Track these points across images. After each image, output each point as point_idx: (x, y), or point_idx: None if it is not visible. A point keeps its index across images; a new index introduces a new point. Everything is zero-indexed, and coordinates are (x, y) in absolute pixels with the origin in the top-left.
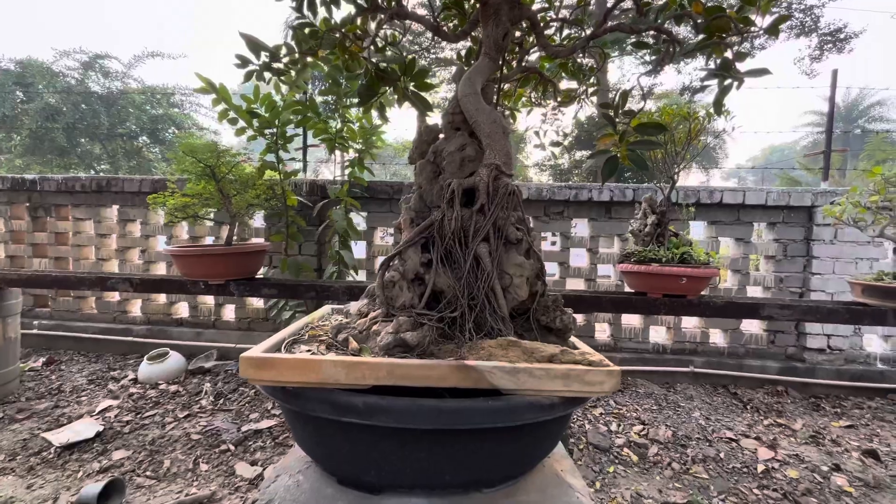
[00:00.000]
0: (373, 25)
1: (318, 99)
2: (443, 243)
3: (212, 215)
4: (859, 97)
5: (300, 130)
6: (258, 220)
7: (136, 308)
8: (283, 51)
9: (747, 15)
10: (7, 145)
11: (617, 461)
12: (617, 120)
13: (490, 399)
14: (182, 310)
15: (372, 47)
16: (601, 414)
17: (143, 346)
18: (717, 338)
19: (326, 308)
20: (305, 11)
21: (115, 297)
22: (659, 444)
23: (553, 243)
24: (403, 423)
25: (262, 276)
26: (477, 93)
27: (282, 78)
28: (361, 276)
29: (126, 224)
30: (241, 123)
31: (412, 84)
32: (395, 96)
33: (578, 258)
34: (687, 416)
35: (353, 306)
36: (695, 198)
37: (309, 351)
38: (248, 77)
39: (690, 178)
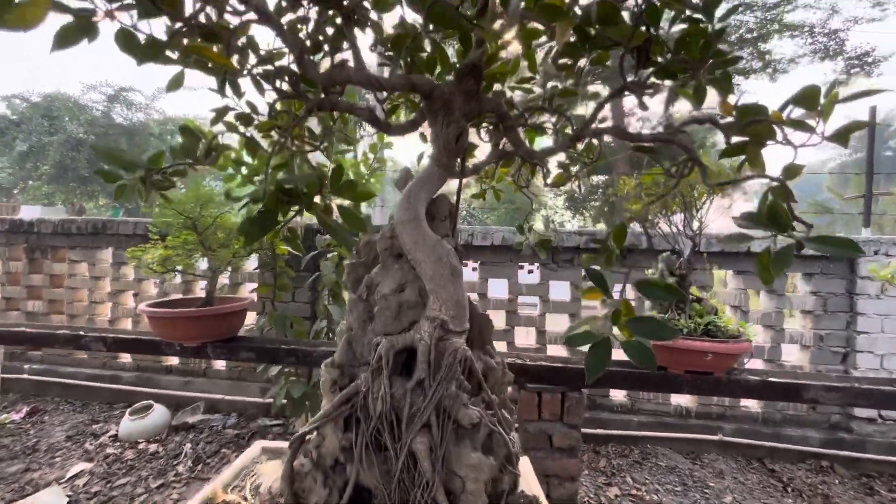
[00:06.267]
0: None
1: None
2: (368, 426)
3: (201, 265)
4: (888, 118)
5: None
6: (252, 262)
7: (125, 355)
8: (166, 160)
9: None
10: (35, 173)
11: None
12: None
13: None
14: (171, 358)
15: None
16: (617, 497)
17: (131, 394)
18: (750, 401)
19: (255, 449)
20: (229, 94)
21: None
22: None
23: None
24: None
25: (244, 335)
26: (417, 218)
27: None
28: None
29: (120, 267)
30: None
31: (337, 200)
32: (312, 217)
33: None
34: (717, 502)
35: (267, 482)
36: (719, 246)
37: None
38: (117, 194)
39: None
